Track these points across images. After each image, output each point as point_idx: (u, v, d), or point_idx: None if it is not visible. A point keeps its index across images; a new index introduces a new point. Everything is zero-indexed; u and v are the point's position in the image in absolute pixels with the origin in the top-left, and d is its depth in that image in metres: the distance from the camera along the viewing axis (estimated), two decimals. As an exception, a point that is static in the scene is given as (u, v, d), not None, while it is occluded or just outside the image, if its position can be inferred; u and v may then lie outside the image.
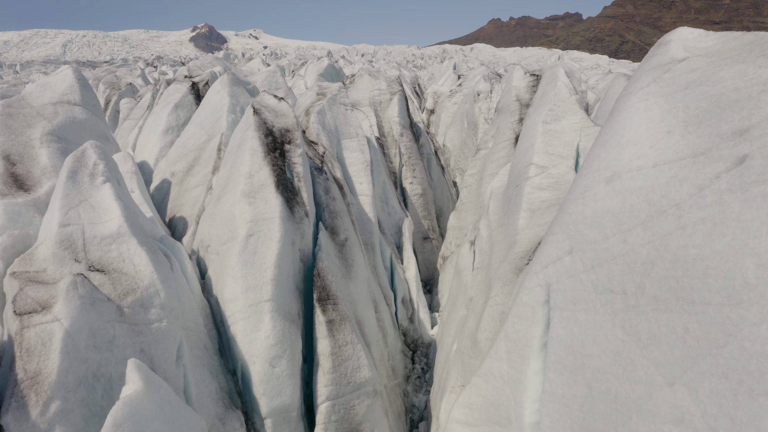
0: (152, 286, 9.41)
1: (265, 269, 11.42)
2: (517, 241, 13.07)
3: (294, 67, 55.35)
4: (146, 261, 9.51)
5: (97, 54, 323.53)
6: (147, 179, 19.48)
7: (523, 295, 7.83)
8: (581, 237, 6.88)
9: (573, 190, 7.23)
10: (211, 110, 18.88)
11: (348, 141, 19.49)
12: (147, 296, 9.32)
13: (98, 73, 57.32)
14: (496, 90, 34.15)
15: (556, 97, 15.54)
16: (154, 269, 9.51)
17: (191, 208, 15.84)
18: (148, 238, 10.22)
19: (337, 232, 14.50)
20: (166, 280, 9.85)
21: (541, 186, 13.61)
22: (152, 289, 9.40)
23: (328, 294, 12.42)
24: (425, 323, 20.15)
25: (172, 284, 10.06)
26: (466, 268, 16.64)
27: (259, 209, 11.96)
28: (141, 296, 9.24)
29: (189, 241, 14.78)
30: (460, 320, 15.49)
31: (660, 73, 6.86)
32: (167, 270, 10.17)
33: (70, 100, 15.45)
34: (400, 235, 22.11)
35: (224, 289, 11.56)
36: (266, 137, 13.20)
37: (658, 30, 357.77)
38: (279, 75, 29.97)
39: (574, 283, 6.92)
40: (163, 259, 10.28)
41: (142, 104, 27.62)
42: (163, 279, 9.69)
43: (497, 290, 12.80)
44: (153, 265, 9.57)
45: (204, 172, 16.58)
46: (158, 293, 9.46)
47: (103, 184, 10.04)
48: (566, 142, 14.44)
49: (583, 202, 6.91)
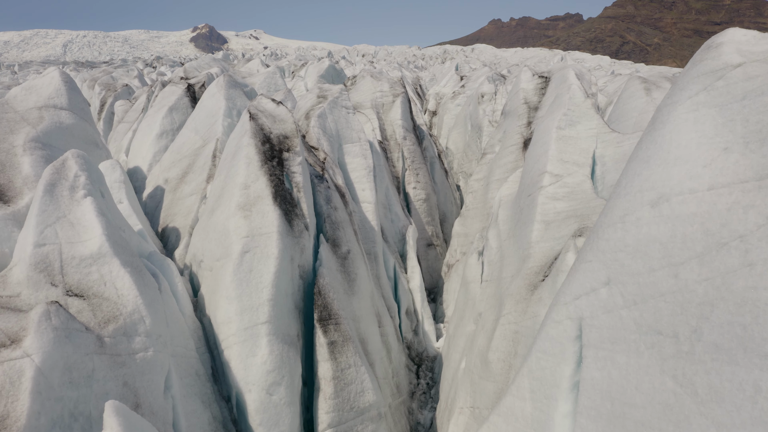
0: (136, 312, 8.54)
1: (262, 289, 10.55)
2: (531, 255, 12.26)
3: (294, 68, 54.50)
4: (130, 284, 8.63)
5: (97, 54, 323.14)
6: (140, 185, 18.63)
7: (550, 328, 6.97)
8: (621, 267, 6.02)
9: (610, 211, 6.36)
10: (207, 114, 18.00)
11: (350, 146, 18.63)
12: (130, 323, 8.45)
13: (95, 74, 56.48)
14: (500, 92, 33.31)
15: (570, 101, 14.68)
16: (138, 293, 8.63)
17: (184, 218, 14.98)
18: (133, 257, 9.33)
19: (339, 244, 13.65)
20: (153, 304, 8.98)
21: (556, 196, 12.77)
22: (136, 316, 8.53)
23: (330, 313, 11.56)
24: (430, 335, 19.36)
25: (159, 308, 9.20)
26: (474, 280, 15.81)
27: (255, 223, 11.09)
28: (124, 324, 8.37)
29: (182, 254, 13.93)
30: (469, 336, 14.70)
31: (711, 80, 5.99)
32: (154, 292, 9.30)
33: (56, 104, 14.58)
34: (403, 243, 21.29)
35: (217, 311, 10.68)
36: (263, 144, 12.32)
37: (658, 31, 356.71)
38: (278, 76, 29.12)
39: (612, 319, 6.07)
40: (150, 280, 9.40)
41: (137, 107, 26.78)
42: (148, 303, 8.81)
43: (510, 307, 12.00)
44: (137, 288, 8.69)
45: (198, 180, 15.71)
46: (143, 320, 8.58)
47: (83, 199, 9.14)
48: (582, 148, 13.61)
49: (623, 228, 6.05)
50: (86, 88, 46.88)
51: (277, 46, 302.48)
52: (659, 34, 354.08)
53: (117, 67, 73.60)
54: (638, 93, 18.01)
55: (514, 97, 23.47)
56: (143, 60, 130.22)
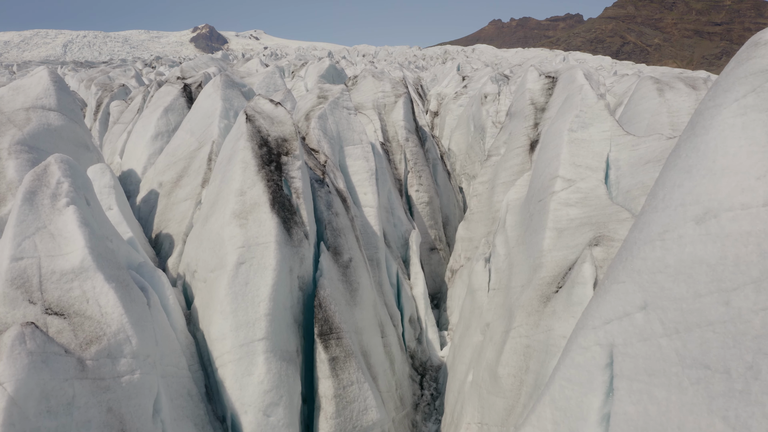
0: (121, 332, 7.87)
1: (258, 303, 9.88)
2: (543, 264, 11.64)
3: (294, 68, 53.82)
4: (114, 301, 7.95)
5: (97, 54, 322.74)
6: (134, 189, 17.98)
7: (576, 354, 6.31)
8: (660, 291, 5.36)
9: (646, 226, 5.69)
10: (203, 115, 17.31)
11: (351, 148, 17.95)
12: (115, 344, 7.78)
13: (92, 73, 55.85)
14: (504, 92, 32.67)
15: (582, 102, 14.06)
16: (123, 311, 7.95)
17: (178, 224, 14.31)
18: (119, 270, 8.64)
19: (340, 252, 12.98)
20: (140, 322, 8.31)
21: (569, 202, 12.14)
22: (121, 336, 7.86)
23: (331, 327, 10.91)
24: (434, 344, 18.76)
25: (147, 325, 8.53)
26: (481, 288, 15.18)
27: (251, 232, 10.41)
28: (108, 345, 7.70)
29: (175, 262, 13.25)
30: (476, 347, 14.09)
31: (761, 81, 5.32)
32: (142, 308, 8.63)
33: (44, 105, 13.92)
34: (406, 248, 20.65)
35: (211, 326, 10.01)
36: (260, 148, 11.64)
37: (659, 31, 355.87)
38: (278, 76, 28.40)
39: (649, 348, 5.41)
40: (138, 295, 8.73)
41: (133, 107, 26.10)
42: (135, 321, 8.14)
43: (521, 320, 11.40)
44: (123, 305, 8.01)
45: (193, 185, 15.04)
46: (129, 340, 7.91)
47: (66, 207, 8.46)
48: (595, 152, 12.98)
49: (662, 246, 5.38)
50: (83, 88, 46.25)
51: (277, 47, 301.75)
52: (660, 35, 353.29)
53: (115, 67, 72.89)
54: (651, 94, 17.37)
55: (520, 98, 22.82)
56: (142, 60, 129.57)
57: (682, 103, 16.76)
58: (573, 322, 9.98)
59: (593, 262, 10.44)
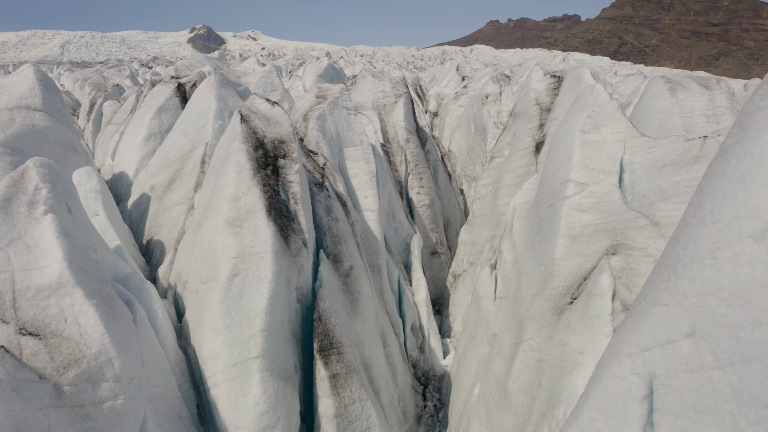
0: (103, 354, 7.16)
1: (254, 318, 9.19)
2: (555, 273, 11.03)
3: (291, 68, 53.03)
4: (95, 319, 7.24)
5: (94, 55, 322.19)
6: (125, 192, 17.31)
7: (609, 384, 5.62)
8: (712, 317, 4.68)
9: (693, 243, 5.01)
10: (196, 115, 16.61)
11: (351, 149, 17.26)
12: (96, 367, 7.08)
13: (87, 73, 55.14)
14: (505, 92, 32.04)
15: (594, 102, 13.39)
16: (105, 330, 7.25)
17: (170, 230, 13.62)
18: (102, 284, 7.92)
19: (340, 260, 12.30)
20: (124, 341, 7.61)
21: (582, 207, 11.51)
22: (103, 358, 7.16)
23: (332, 341, 10.22)
24: (437, 352, 18.13)
25: (132, 344, 7.83)
26: (487, 296, 14.56)
27: (246, 241, 9.71)
28: (88, 368, 6.99)
29: (166, 271, 12.55)
30: (482, 358, 13.49)
31: (826, 74, 4.65)
32: (127, 326, 7.93)
33: (29, 105, 13.23)
34: (407, 253, 20.01)
35: (203, 343, 9.31)
36: (256, 150, 10.94)
37: (656, 32, 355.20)
38: (275, 76, 27.68)
39: (697, 381, 4.73)
40: (122, 311, 8.03)
41: (126, 107, 25.43)
42: (118, 341, 7.44)
43: (532, 332, 10.80)
44: (104, 323, 7.30)
45: (185, 189, 14.34)
46: (111, 362, 7.21)
47: (43, 216, 7.76)
48: (608, 154, 12.34)
49: (714, 265, 4.70)
50: (78, 88, 45.52)
51: (275, 47, 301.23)
52: (657, 36, 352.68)
53: (110, 67, 72.14)
54: (662, 94, 16.72)
55: (524, 98, 22.18)
56: (139, 60, 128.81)
57: (695, 103, 16.12)
58: (590, 337, 9.38)
59: (611, 272, 9.81)
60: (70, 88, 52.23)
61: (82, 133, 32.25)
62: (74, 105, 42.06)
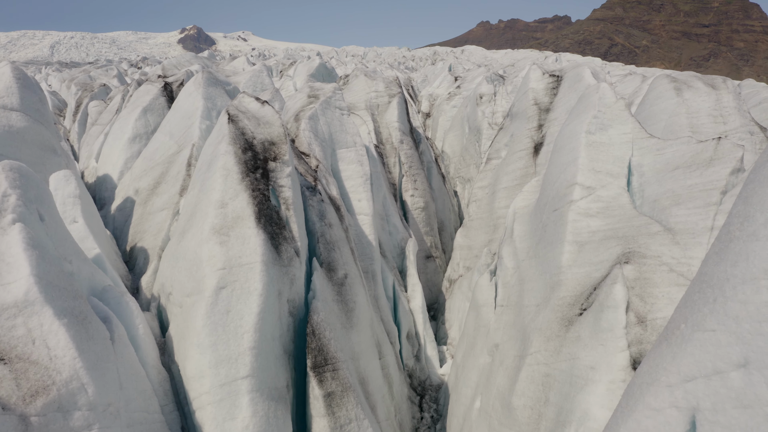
0: (75, 379, 6.45)
1: (242, 334, 8.48)
2: (562, 282, 10.46)
3: (282, 68, 52.29)
4: (66, 341, 6.52)
5: (84, 56, 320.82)
6: (109, 196, 16.59)
7: (643, 417, 4.96)
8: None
9: (743, 260, 4.36)
10: (183, 115, 15.89)
11: (344, 151, 16.59)
12: (67, 395, 6.36)
13: (74, 73, 54.26)
14: (500, 92, 31.45)
15: (600, 102, 12.79)
16: (77, 353, 6.53)
17: (154, 237, 12.91)
18: (75, 300, 7.18)
19: (334, 268, 11.64)
20: (99, 364, 6.90)
21: (589, 212, 10.93)
22: (75, 384, 6.44)
23: (326, 357, 9.55)
24: (433, 361, 17.55)
25: (109, 367, 7.13)
26: (487, 304, 13.98)
27: (233, 251, 9.00)
28: (58, 396, 6.28)
29: (149, 281, 11.84)
30: (482, 369, 12.92)
31: None
32: (102, 346, 7.21)
33: (5, 105, 12.51)
34: (402, 258, 19.40)
35: (187, 362, 8.60)
36: (244, 153, 10.23)
37: (647, 33, 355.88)
38: (265, 75, 26.95)
39: (751, 418, 4.10)
40: (98, 330, 7.31)
41: (111, 107, 24.68)
42: (92, 364, 6.73)
43: (539, 345, 10.23)
44: (76, 345, 6.58)
45: (170, 193, 13.64)
46: (84, 388, 6.50)
47: (11, 226, 7.03)
48: (616, 156, 11.77)
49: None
50: (65, 88, 44.67)
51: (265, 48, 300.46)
52: (648, 36, 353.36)
53: (98, 67, 71.20)
54: (667, 93, 16.15)
55: (522, 98, 21.59)
56: (128, 61, 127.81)
57: (702, 103, 15.55)
58: (602, 351, 8.79)
59: (625, 282, 9.20)
60: (57, 88, 51.36)
61: (68, 134, 31.45)
62: (61, 105, 41.21)
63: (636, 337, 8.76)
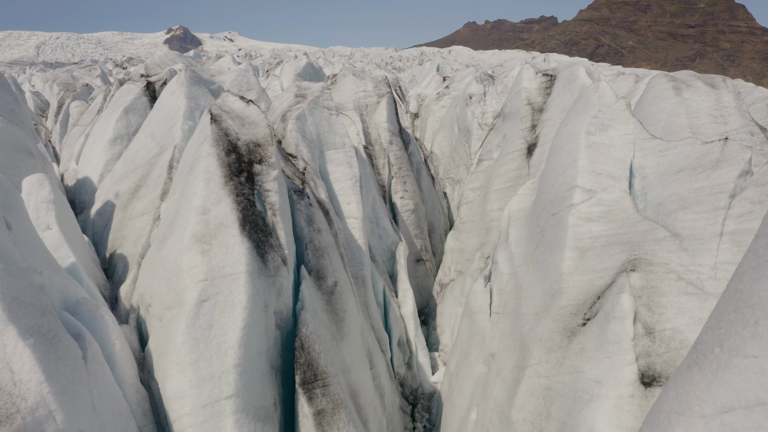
0: (42, 406, 5.85)
1: (226, 351, 7.89)
2: (563, 290, 9.99)
3: (269, 67, 51.58)
4: (32, 364, 5.91)
5: (70, 56, 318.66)
6: (89, 199, 15.96)
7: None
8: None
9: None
10: (165, 115, 15.26)
11: (333, 152, 16.03)
12: (33, 423, 5.75)
13: (57, 73, 53.41)
14: (490, 92, 31.01)
15: (600, 101, 12.33)
16: (44, 377, 5.92)
17: (134, 244, 12.29)
18: (43, 317, 6.56)
19: (324, 275, 11.07)
20: (70, 387, 6.31)
21: (591, 216, 10.46)
22: (41, 411, 5.84)
23: (316, 373, 8.99)
24: (425, 368, 17.06)
25: (81, 389, 6.53)
26: (481, 311, 13.51)
27: (216, 261, 8.40)
28: (23, 425, 5.66)
29: (128, 291, 11.22)
30: (478, 379, 12.46)
31: None
32: (73, 367, 6.60)
33: (-24, 105, 11.87)
34: (392, 262, 18.89)
35: (167, 381, 7.99)
36: (228, 155, 9.63)
37: (633, 33, 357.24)
38: (251, 74, 26.32)
39: (803, 460, 3.58)
40: (68, 349, 6.69)
41: (93, 108, 23.99)
42: (62, 388, 6.13)
43: (539, 356, 9.78)
44: (43, 368, 5.97)
45: (151, 197, 13.02)
46: (52, 416, 5.89)
47: (-29, 236, 6.45)
48: (617, 158, 11.31)
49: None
50: (47, 88, 43.85)
51: (252, 48, 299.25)
52: (634, 37, 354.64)
53: (83, 67, 70.20)
54: (666, 93, 15.70)
55: (514, 98, 21.12)
56: (114, 61, 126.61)
57: (701, 103, 15.11)
58: (608, 365, 8.31)
59: (632, 291, 8.71)
60: (41, 88, 50.50)
61: (50, 135, 30.72)
62: (43, 106, 40.39)
63: (644, 349, 8.28)
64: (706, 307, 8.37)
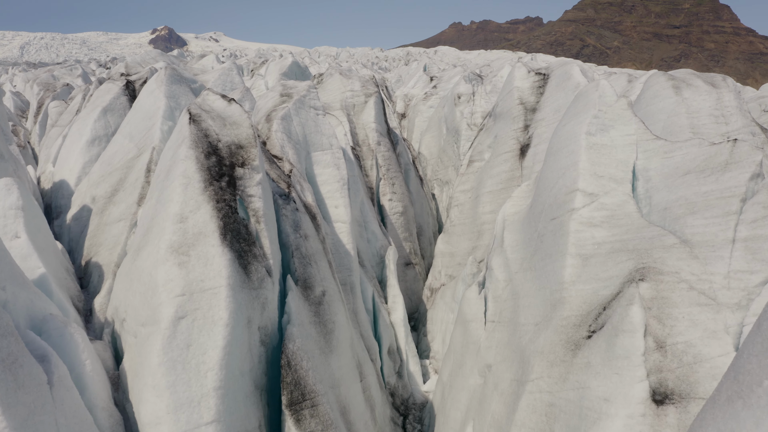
0: (-7, 442, 5.21)
1: (205, 372, 7.23)
2: (565, 300, 9.45)
3: (254, 66, 50.83)
4: (-16, 395, 5.26)
5: (54, 56, 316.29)
6: (66, 204, 15.26)
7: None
8: None
9: None
10: (143, 116, 14.57)
11: (320, 154, 15.38)
12: (-18, 462, 5.13)
13: (38, 73, 52.43)
14: (479, 92, 30.44)
15: (600, 101, 11.77)
16: (2, 409, 5.23)
17: (110, 252, 11.60)
18: (4, 339, 5.81)
19: (311, 285, 10.44)
20: (31, 419, 5.63)
21: (593, 221, 9.92)
22: (-7, 448, 5.20)
23: (303, 392, 8.36)
24: (416, 377, 16.48)
25: (45, 420, 5.85)
26: (476, 319, 12.95)
27: (194, 274, 7.72)
28: (-30, 465, 5.04)
29: (103, 303, 10.53)
30: (473, 391, 11.91)
31: None
32: (37, 395, 5.93)
33: (-60, 105, 11.15)
34: (382, 267, 18.28)
35: (141, 405, 7.31)
36: (207, 158, 8.95)
37: (618, 34, 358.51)
38: (235, 73, 25.58)
39: None
40: (32, 374, 6.00)
41: (72, 108, 23.24)
42: (22, 421, 5.44)
43: (541, 370, 9.24)
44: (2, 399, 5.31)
45: (128, 202, 12.34)
46: (6, 454, 5.24)
47: None
48: (619, 160, 10.78)
49: None
50: (28, 88, 42.93)
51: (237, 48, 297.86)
52: (619, 37, 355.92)
53: (64, 67, 69.15)
54: (665, 92, 15.18)
55: (506, 97, 20.56)
56: (97, 61, 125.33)
57: (702, 102, 14.59)
58: (617, 381, 7.77)
59: (642, 303, 8.15)
60: (22, 88, 49.52)
61: (29, 136, 29.89)
62: (24, 106, 39.47)
63: (655, 364, 7.73)
64: (719, 318, 7.86)
